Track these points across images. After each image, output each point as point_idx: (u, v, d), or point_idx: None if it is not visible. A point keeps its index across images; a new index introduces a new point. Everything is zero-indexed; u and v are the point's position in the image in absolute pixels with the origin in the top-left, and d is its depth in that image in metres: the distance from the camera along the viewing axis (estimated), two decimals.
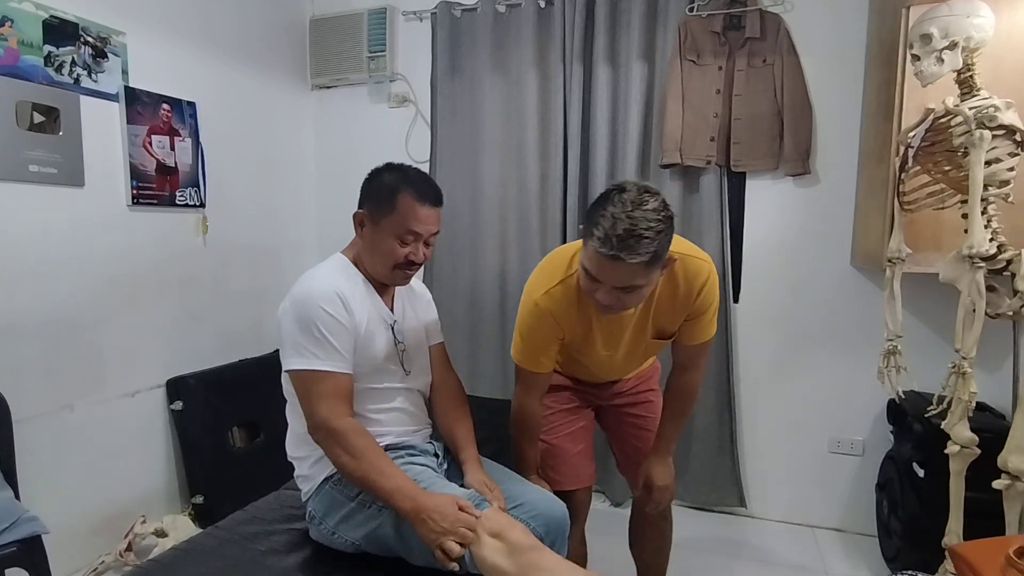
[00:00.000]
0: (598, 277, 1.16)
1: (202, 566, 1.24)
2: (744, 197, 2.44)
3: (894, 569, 1.99)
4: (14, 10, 1.81)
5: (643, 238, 1.08)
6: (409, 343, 1.43)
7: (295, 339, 1.23)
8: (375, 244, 1.32)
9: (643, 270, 1.13)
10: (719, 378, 2.45)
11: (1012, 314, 1.53)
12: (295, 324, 1.23)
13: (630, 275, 1.13)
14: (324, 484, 1.30)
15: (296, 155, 2.94)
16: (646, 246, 1.09)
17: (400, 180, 1.31)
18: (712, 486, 2.49)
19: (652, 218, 1.09)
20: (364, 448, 1.19)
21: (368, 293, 1.36)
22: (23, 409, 1.80)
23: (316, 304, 1.23)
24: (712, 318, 1.39)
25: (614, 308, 1.22)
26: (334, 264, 1.37)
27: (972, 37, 1.55)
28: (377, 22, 2.83)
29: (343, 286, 1.29)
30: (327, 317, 1.23)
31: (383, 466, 1.19)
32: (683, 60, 2.36)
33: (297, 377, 1.24)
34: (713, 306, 1.37)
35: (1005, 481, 1.49)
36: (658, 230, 1.09)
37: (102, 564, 2.06)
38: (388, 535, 1.22)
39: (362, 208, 1.35)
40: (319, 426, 1.21)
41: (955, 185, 1.67)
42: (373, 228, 1.32)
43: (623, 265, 1.10)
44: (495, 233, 2.71)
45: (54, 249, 1.93)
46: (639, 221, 1.08)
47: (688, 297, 1.32)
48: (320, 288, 1.26)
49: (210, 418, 2.34)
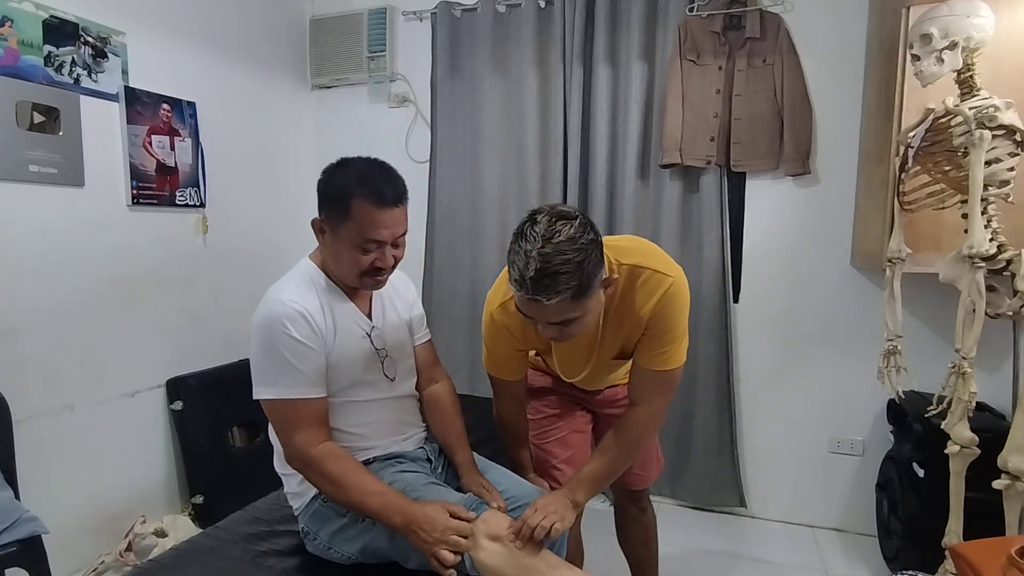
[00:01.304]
0: (528, 315, 1.11)
1: (202, 566, 1.23)
2: (744, 197, 2.44)
3: (894, 569, 1.99)
4: (14, 10, 1.81)
5: (559, 274, 1.00)
6: (392, 348, 1.35)
7: (261, 367, 1.18)
8: (337, 253, 1.21)
9: (571, 304, 1.05)
10: (719, 378, 2.45)
11: (1012, 314, 1.53)
12: (260, 351, 1.18)
13: (558, 312, 1.06)
14: (314, 501, 1.27)
15: (296, 155, 2.95)
16: (565, 282, 1.01)
17: (352, 182, 1.16)
18: (712, 486, 2.49)
19: (567, 249, 1.01)
20: (343, 472, 1.16)
21: (339, 301, 1.27)
22: (23, 409, 1.80)
23: (279, 329, 1.15)
24: (674, 346, 1.24)
25: (560, 338, 1.16)
26: (300, 275, 1.26)
27: (972, 37, 1.54)
28: (377, 22, 2.83)
29: (308, 301, 1.20)
30: (291, 342, 1.15)
31: (367, 485, 1.16)
32: (683, 60, 2.36)
33: (267, 406, 1.20)
34: (675, 329, 1.22)
35: (1005, 481, 1.49)
36: (578, 260, 1.01)
37: (102, 564, 2.06)
38: (383, 547, 1.21)
39: (320, 214, 1.23)
40: (294, 456, 1.18)
41: (955, 185, 1.67)
42: (333, 236, 1.21)
43: (545, 305, 1.04)
44: (495, 233, 2.71)
45: (54, 249, 1.93)
46: (552, 257, 1.00)
47: (642, 312, 1.21)
48: (282, 310, 1.16)
49: (210, 418, 2.34)
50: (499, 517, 1.17)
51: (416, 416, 1.44)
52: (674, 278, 1.21)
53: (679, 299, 1.22)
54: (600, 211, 2.53)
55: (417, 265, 2.84)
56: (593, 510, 2.57)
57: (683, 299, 1.23)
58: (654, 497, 2.56)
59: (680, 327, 1.23)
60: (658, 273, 1.21)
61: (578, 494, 1.26)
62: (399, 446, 1.35)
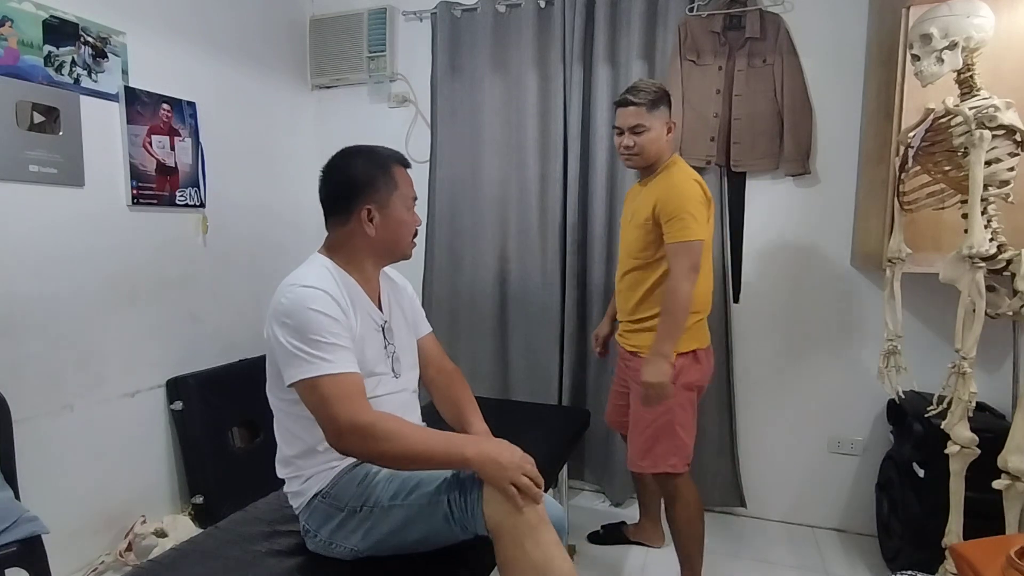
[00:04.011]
0: (618, 124, 1.79)
1: (202, 566, 1.24)
2: (744, 197, 2.44)
3: (894, 569, 1.99)
4: (14, 10, 1.81)
5: (640, 90, 1.75)
6: (398, 343, 1.38)
7: (294, 351, 1.14)
8: (390, 228, 1.30)
9: (644, 112, 1.74)
10: (719, 378, 2.45)
11: (1012, 314, 1.53)
12: (291, 335, 1.15)
13: (636, 115, 1.74)
14: (314, 499, 1.27)
15: (296, 155, 2.95)
16: (644, 95, 1.74)
17: (381, 157, 1.32)
18: (712, 486, 2.49)
19: (651, 83, 1.80)
20: (398, 427, 1.14)
21: (356, 292, 1.30)
22: (23, 409, 1.80)
23: (308, 308, 1.16)
24: (676, 222, 1.67)
25: (633, 149, 1.77)
26: (315, 265, 1.28)
27: (972, 37, 1.54)
28: (377, 22, 2.83)
29: (330, 286, 1.22)
30: (323, 318, 1.16)
31: (425, 434, 1.16)
32: (683, 60, 2.36)
33: (307, 388, 1.14)
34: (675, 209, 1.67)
35: (1005, 481, 1.49)
36: (655, 88, 1.76)
37: (102, 564, 2.06)
38: (382, 532, 1.22)
39: (362, 203, 1.27)
40: (345, 429, 1.12)
41: (955, 185, 1.67)
42: (383, 214, 1.29)
43: (629, 108, 1.74)
44: (495, 233, 2.71)
45: (54, 249, 1.93)
46: (641, 83, 1.80)
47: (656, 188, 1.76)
48: (307, 292, 1.18)
49: (210, 418, 2.34)
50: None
51: (415, 411, 1.45)
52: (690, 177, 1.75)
53: (685, 183, 1.72)
54: (600, 211, 2.53)
55: (417, 265, 2.84)
56: (594, 511, 2.58)
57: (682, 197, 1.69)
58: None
59: (679, 214, 1.67)
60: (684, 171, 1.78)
61: (659, 352, 1.67)
62: None
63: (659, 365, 1.66)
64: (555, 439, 1.94)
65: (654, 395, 1.68)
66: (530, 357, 2.67)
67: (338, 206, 1.30)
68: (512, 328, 2.72)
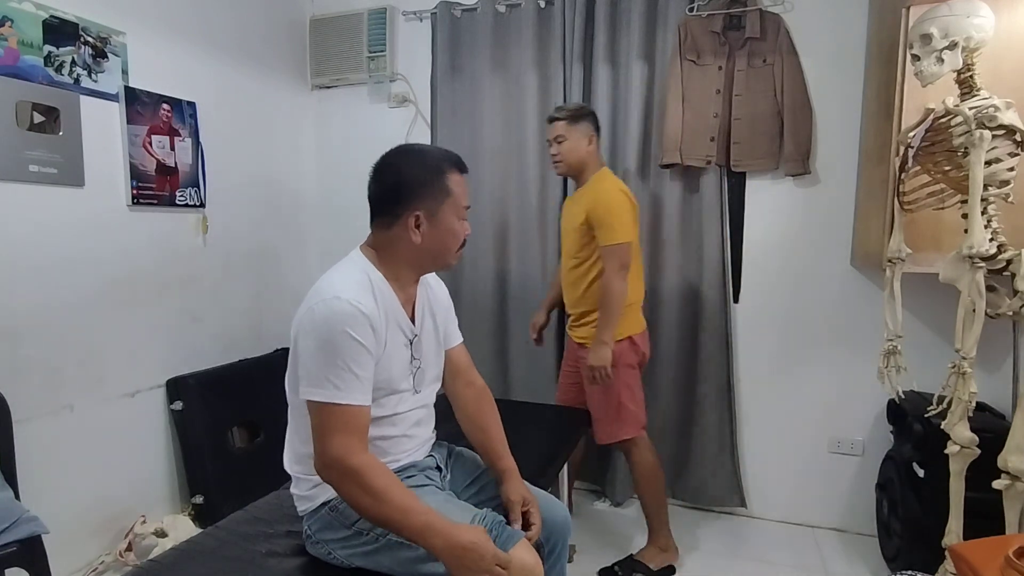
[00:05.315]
0: (548, 137, 2.08)
1: (202, 566, 1.23)
2: (744, 197, 2.44)
3: (894, 569, 1.99)
4: (14, 10, 1.81)
5: (564, 108, 2.06)
6: (424, 359, 1.32)
7: (315, 367, 1.11)
8: (437, 237, 1.23)
9: (567, 126, 2.03)
10: (719, 378, 2.45)
11: (1012, 314, 1.53)
12: (316, 349, 1.12)
13: (559, 128, 2.03)
14: (322, 508, 1.24)
15: (296, 155, 2.94)
16: (566, 112, 2.04)
17: (436, 160, 1.25)
18: (712, 486, 2.49)
19: (572, 103, 2.30)
20: (385, 487, 1.09)
21: (391, 303, 1.23)
22: (23, 409, 1.80)
23: (342, 329, 1.11)
24: (605, 228, 1.94)
25: (556, 156, 2.07)
26: (356, 271, 1.22)
27: (972, 37, 1.55)
28: (377, 22, 2.83)
29: (369, 303, 1.16)
30: (353, 345, 1.12)
31: (408, 504, 1.09)
32: (683, 60, 2.36)
33: (313, 407, 1.13)
34: (603, 216, 1.94)
35: (1005, 481, 1.49)
36: (574, 108, 2.07)
37: (102, 564, 2.06)
38: (383, 564, 1.19)
39: (411, 208, 1.20)
40: (332, 464, 1.10)
41: (955, 185, 1.67)
42: (432, 222, 1.21)
43: (554, 123, 2.04)
44: (495, 233, 2.71)
45: (54, 249, 1.93)
46: (565, 104, 2.33)
47: (586, 199, 2.02)
48: (347, 310, 1.12)
49: (210, 418, 2.33)
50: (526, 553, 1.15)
51: (429, 424, 1.40)
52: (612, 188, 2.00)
53: (608, 195, 1.98)
54: None
55: None
56: (595, 510, 2.58)
57: (610, 196, 1.97)
58: None
59: (607, 220, 1.95)
60: (605, 183, 2.02)
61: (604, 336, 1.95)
62: (411, 457, 1.32)
63: (601, 351, 1.94)
64: (555, 439, 1.94)
65: (598, 376, 1.96)
66: (530, 357, 2.67)
67: (384, 208, 1.23)
68: (512, 328, 2.72)
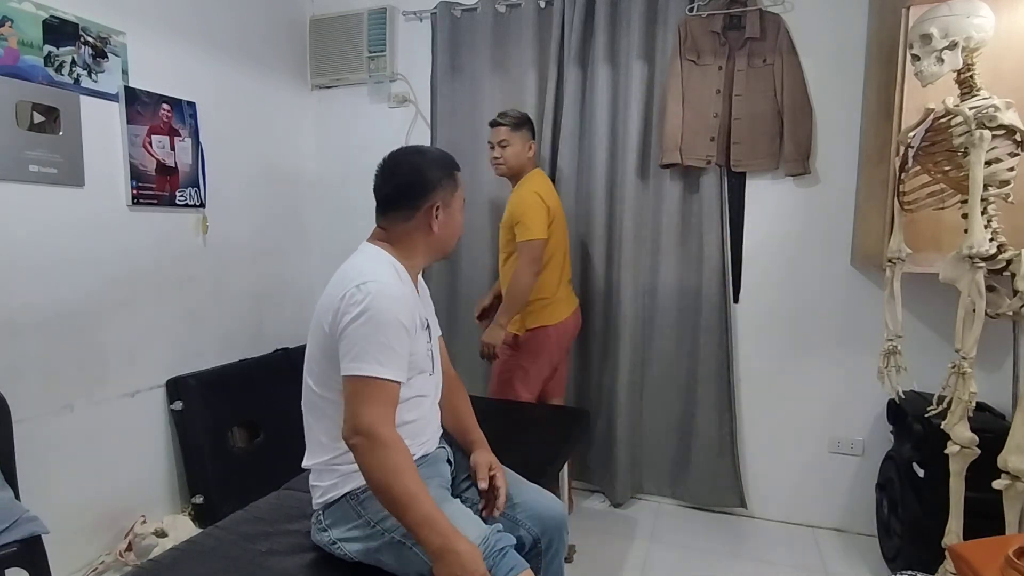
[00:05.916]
0: (490, 140, 2.26)
1: (202, 566, 1.23)
2: (744, 197, 2.44)
3: (894, 569, 1.99)
4: (14, 10, 1.81)
5: (507, 115, 2.23)
6: (433, 343, 1.40)
7: (366, 345, 1.15)
8: (449, 227, 1.35)
9: (510, 131, 2.20)
10: (719, 378, 2.45)
11: (1012, 314, 1.53)
12: (368, 332, 1.15)
13: (502, 133, 2.20)
14: (343, 498, 1.25)
15: (296, 155, 2.94)
16: (509, 119, 2.21)
17: (446, 158, 1.41)
18: (712, 486, 2.49)
19: (514, 110, 2.29)
20: (403, 467, 1.11)
21: (411, 290, 1.31)
22: (23, 409, 1.80)
23: (387, 308, 1.17)
24: (520, 226, 2.12)
25: (499, 160, 2.24)
26: (384, 264, 1.27)
27: (972, 37, 1.55)
28: (377, 22, 2.83)
29: (401, 288, 1.24)
30: (401, 329, 1.18)
31: (417, 491, 1.10)
32: (683, 60, 2.36)
33: (355, 380, 1.16)
34: (519, 215, 2.13)
35: (1005, 481, 1.49)
36: (517, 115, 2.24)
37: (102, 564, 2.06)
38: (382, 561, 1.21)
39: (433, 200, 1.30)
40: (362, 430, 1.12)
41: (955, 185, 1.67)
42: (447, 211, 1.33)
43: (497, 127, 2.22)
44: (494, 233, 2.70)
45: (54, 249, 1.93)
46: (508, 110, 2.29)
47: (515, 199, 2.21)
48: (389, 292, 1.19)
49: (210, 418, 2.33)
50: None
51: (436, 419, 1.43)
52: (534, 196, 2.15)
53: (529, 198, 2.14)
54: (600, 211, 2.53)
55: None
56: (595, 510, 2.58)
57: (524, 205, 2.14)
58: (653, 496, 2.67)
59: (522, 219, 2.12)
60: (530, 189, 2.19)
61: (502, 319, 2.17)
62: (428, 446, 1.36)
63: (494, 331, 2.17)
64: (555, 439, 1.94)
65: (485, 352, 2.19)
66: None
67: (404, 201, 1.30)
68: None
